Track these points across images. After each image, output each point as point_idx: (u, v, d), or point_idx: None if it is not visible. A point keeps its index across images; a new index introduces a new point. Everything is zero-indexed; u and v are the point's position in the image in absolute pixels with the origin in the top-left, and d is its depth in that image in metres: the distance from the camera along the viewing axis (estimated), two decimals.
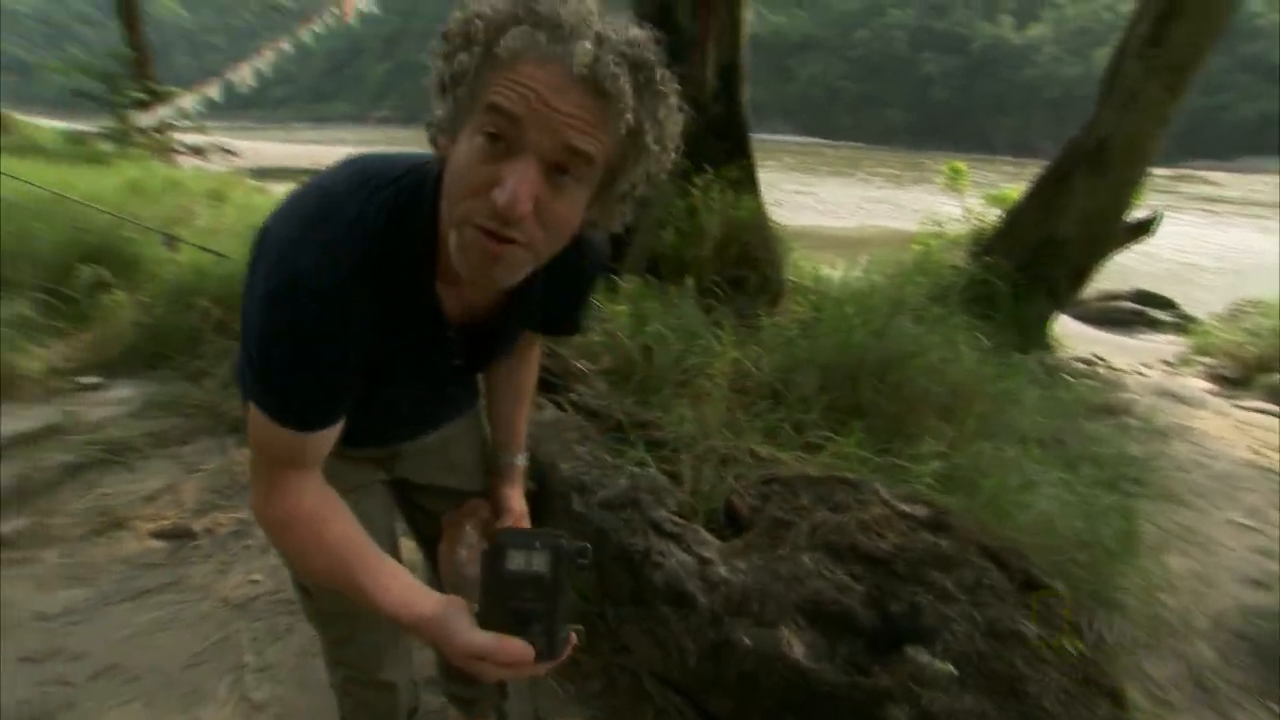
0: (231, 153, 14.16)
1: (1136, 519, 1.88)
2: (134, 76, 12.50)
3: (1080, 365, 4.47)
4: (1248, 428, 3.86)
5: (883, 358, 2.56)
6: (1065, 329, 4.95)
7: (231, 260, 3.81)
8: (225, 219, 5.66)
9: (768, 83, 74.06)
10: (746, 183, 3.78)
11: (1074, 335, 5.32)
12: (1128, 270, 7.99)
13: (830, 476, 1.69)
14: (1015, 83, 67.31)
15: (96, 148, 11.34)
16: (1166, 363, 5.35)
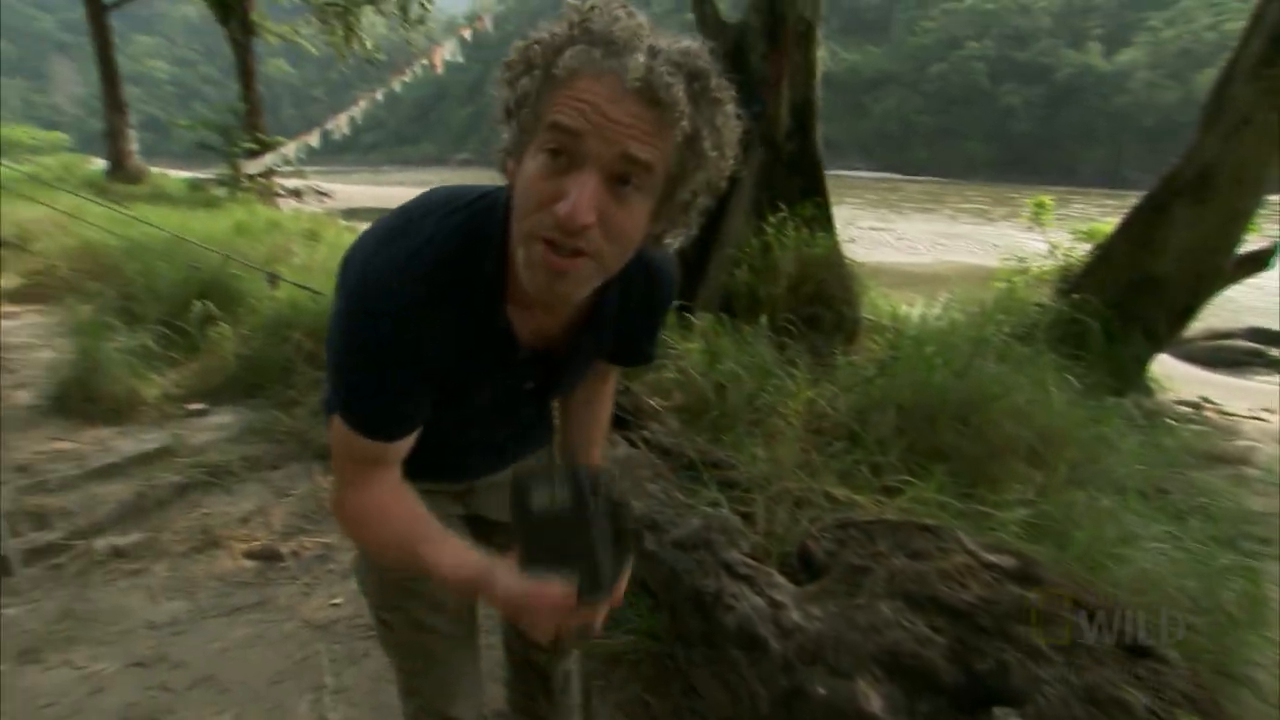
0: (325, 195, 15.21)
1: (1262, 581, 1.70)
2: (246, 128, 13.72)
3: (1186, 409, 4.14)
4: None
5: (964, 399, 2.46)
6: (1168, 370, 4.61)
7: (324, 297, 4.07)
8: (319, 257, 6.06)
9: (842, 119, 73.76)
10: (821, 220, 3.76)
11: (1178, 377, 4.95)
12: (1241, 306, 7.40)
13: (909, 522, 1.63)
14: (1104, 111, 64.42)
15: (211, 193, 12.44)
16: None
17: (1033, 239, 5.49)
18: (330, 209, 13.60)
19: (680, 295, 1.39)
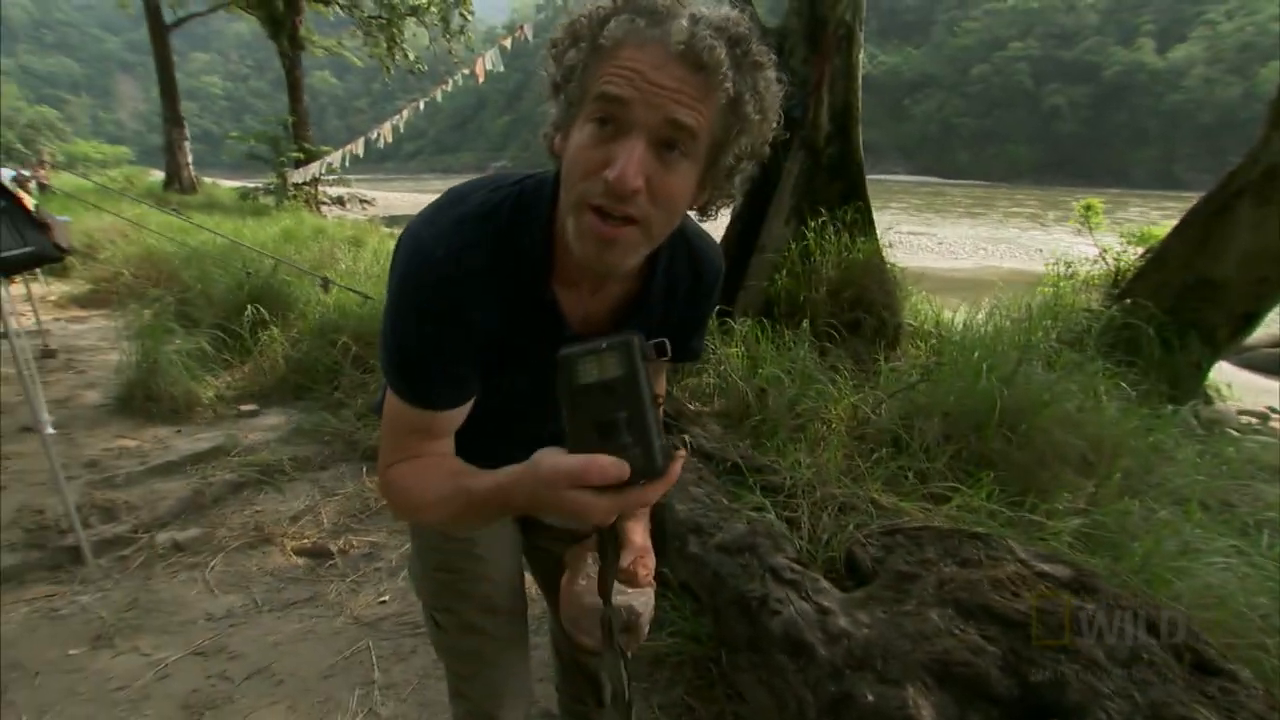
0: (367, 202, 15.65)
1: None
2: (294, 139, 14.19)
3: (1250, 419, 3.97)
4: None
5: (1012, 406, 2.40)
6: (1229, 378, 4.42)
7: (373, 301, 4.18)
8: (362, 262, 6.22)
9: (883, 123, 72.84)
10: (862, 224, 3.72)
11: (1241, 385, 4.74)
12: None
13: (958, 530, 1.60)
14: (1156, 110, 62.20)
15: (260, 202, 12.89)
16: None
17: (1081, 243, 5.33)
18: (372, 216, 13.97)
19: (721, 300, 1.37)
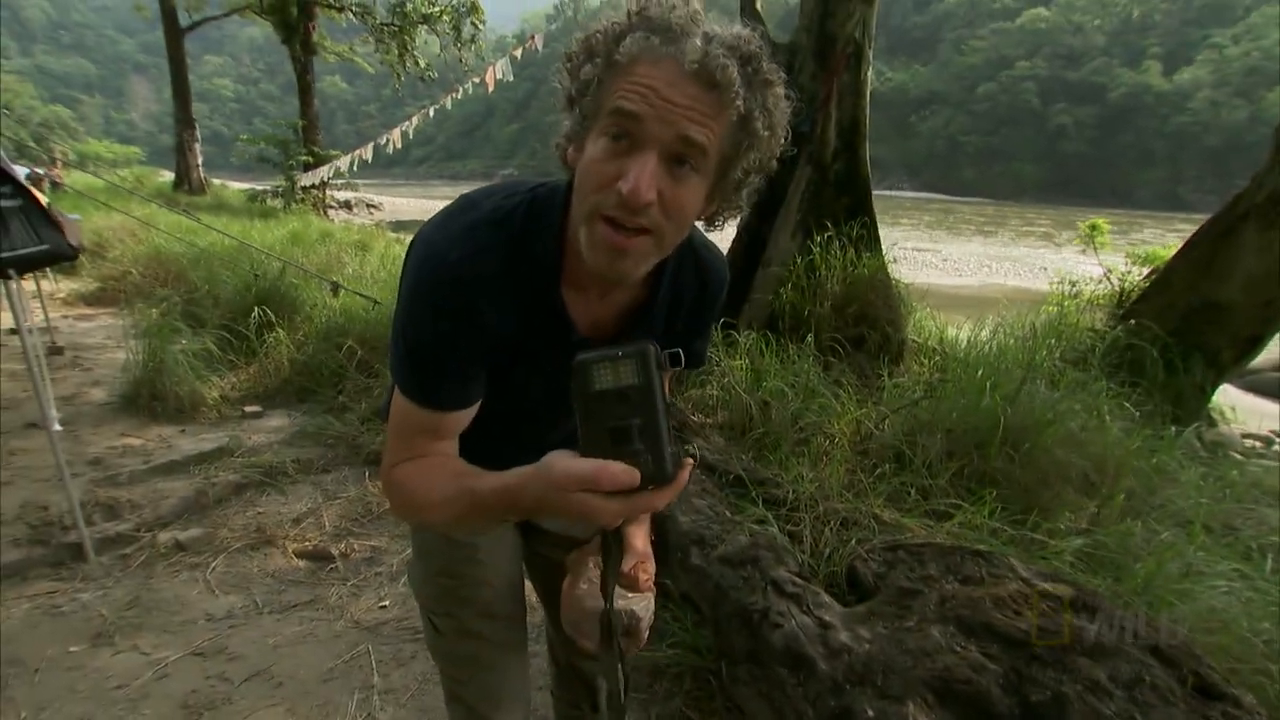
0: (374, 207, 15.73)
1: None
2: (304, 143, 14.30)
3: (1255, 443, 3.96)
4: None
5: (1015, 424, 2.40)
6: (1234, 401, 4.42)
7: (381, 305, 4.20)
8: (369, 267, 6.26)
9: (889, 139, 73.19)
10: (868, 240, 3.74)
11: (1245, 409, 4.73)
12: None
13: (960, 547, 1.60)
14: (1162, 132, 62.38)
15: (268, 204, 12.97)
16: None
17: (1083, 262, 5.34)
18: (379, 221, 14.04)
19: (726, 313, 1.38)
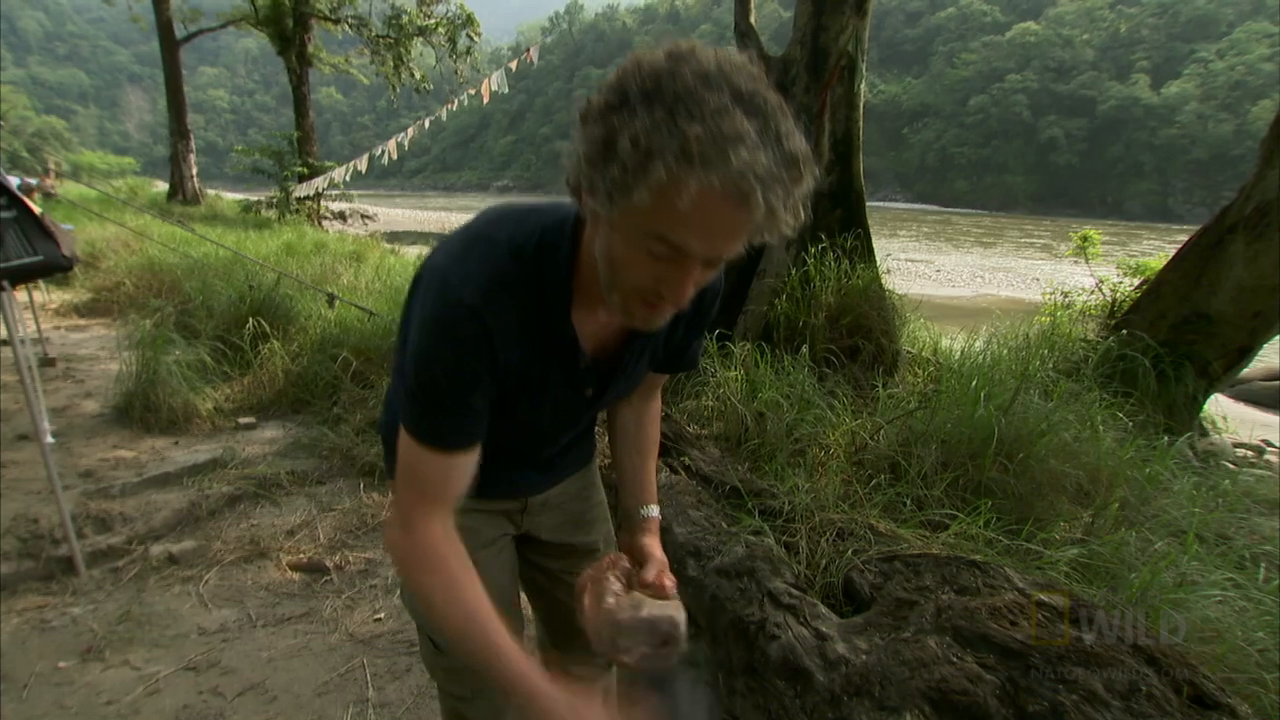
0: (369, 218, 15.75)
1: None
2: (299, 154, 14.32)
3: (1246, 452, 3.99)
4: None
5: (1010, 434, 2.41)
6: (1224, 411, 4.45)
7: (378, 317, 4.20)
8: (364, 278, 6.26)
9: (882, 151, 73.86)
10: (862, 251, 3.76)
11: (1236, 418, 4.77)
12: None
13: (956, 557, 1.60)
14: (1151, 145, 63.11)
15: (262, 215, 12.98)
16: None
17: (1075, 273, 5.39)
18: (374, 232, 14.05)
19: (721, 324, 1.40)
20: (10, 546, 2.39)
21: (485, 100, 6.99)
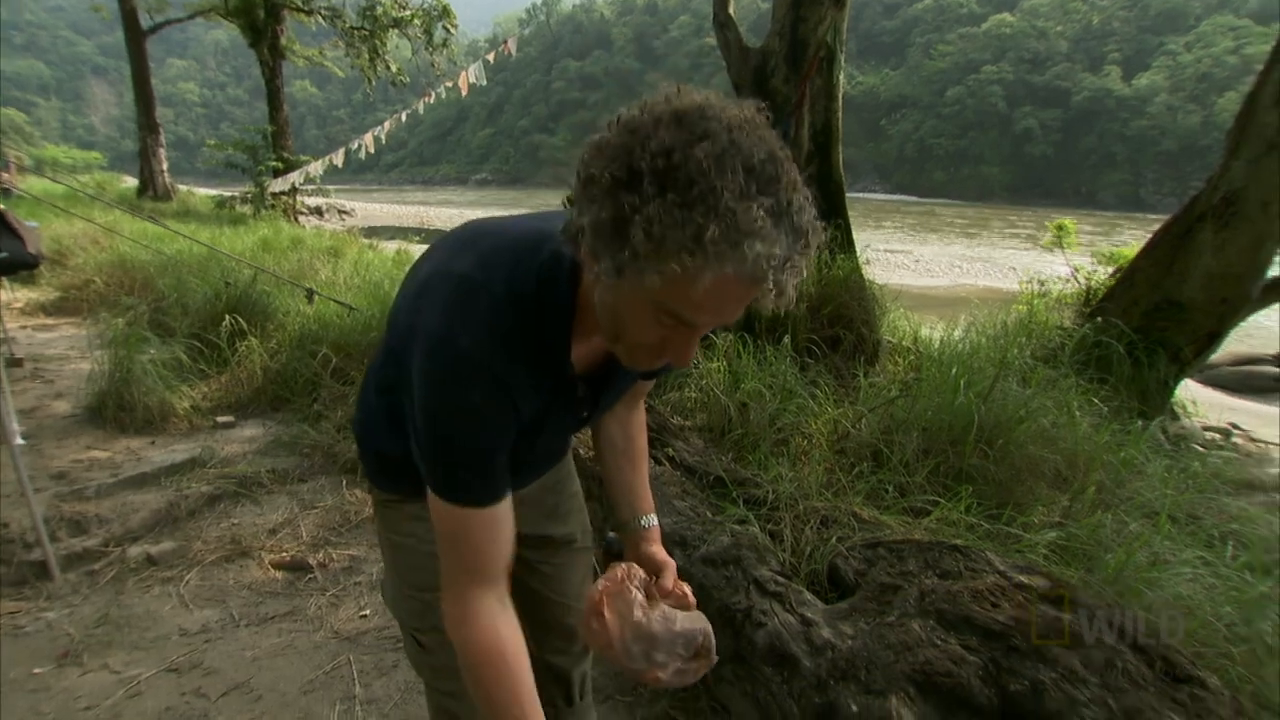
0: (346, 213, 15.52)
1: None
2: (273, 148, 14.07)
3: (1214, 435, 4.09)
4: None
5: (989, 421, 2.45)
6: (1194, 395, 4.56)
7: (358, 312, 4.15)
8: (342, 273, 6.18)
9: (860, 143, 74.28)
10: (842, 242, 3.79)
11: (1204, 402, 4.88)
12: (1271, 333, 7.30)
13: (938, 542, 1.63)
14: (1123, 135, 64.16)
15: (237, 211, 12.75)
16: None
17: (1051, 262, 5.48)
18: (351, 227, 13.86)
19: None
20: None
21: (464, 93, 6.92)
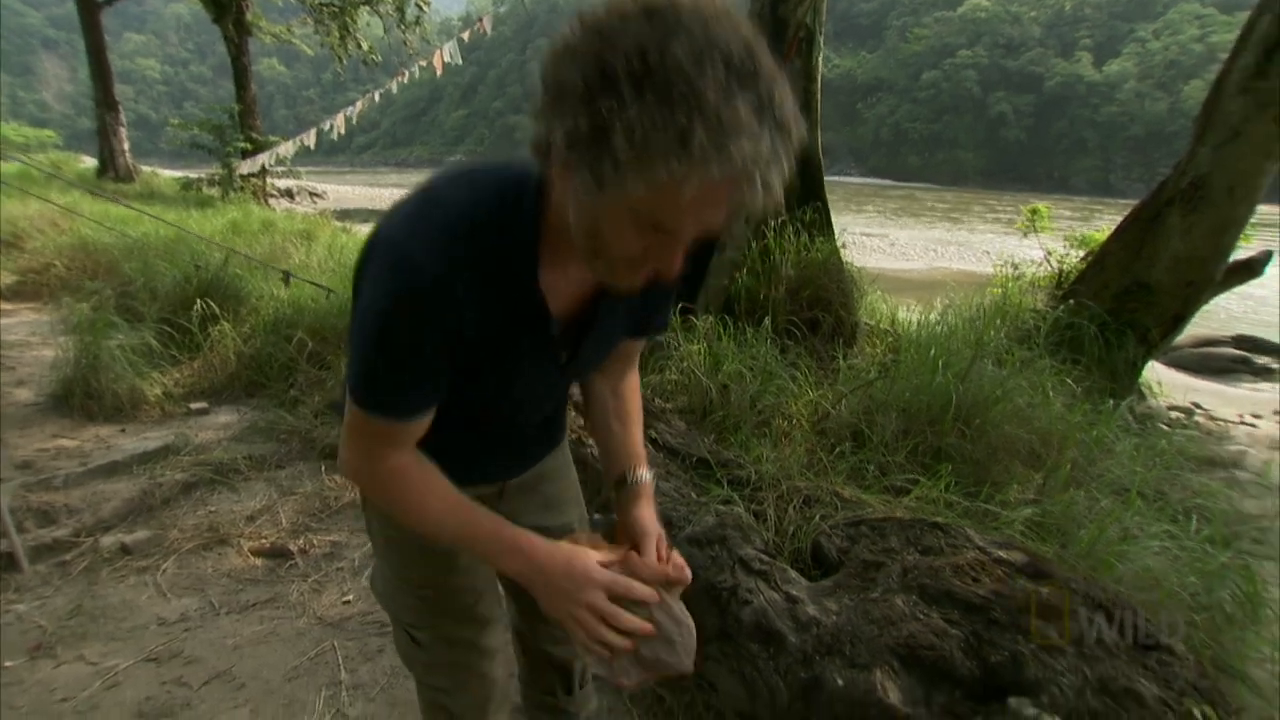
0: (318, 195, 15.18)
1: (1258, 581, 1.75)
2: (241, 129, 13.67)
3: (1178, 414, 4.22)
4: None
5: (966, 401, 2.50)
6: (1159, 376, 4.69)
7: (335, 295, 4.08)
8: (315, 256, 6.06)
9: (837, 126, 74.51)
10: (821, 224, 3.80)
11: (1169, 383, 5.03)
12: (1231, 315, 7.53)
13: (919, 520, 1.66)
14: (1094, 121, 65.20)
15: (204, 193, 12.40)
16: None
17: (1025, 246, 5.57)
18: (323, 209, 13.56)
19: (683, 297, 1.39)
20: None
21: (438, 72, 6.78)
